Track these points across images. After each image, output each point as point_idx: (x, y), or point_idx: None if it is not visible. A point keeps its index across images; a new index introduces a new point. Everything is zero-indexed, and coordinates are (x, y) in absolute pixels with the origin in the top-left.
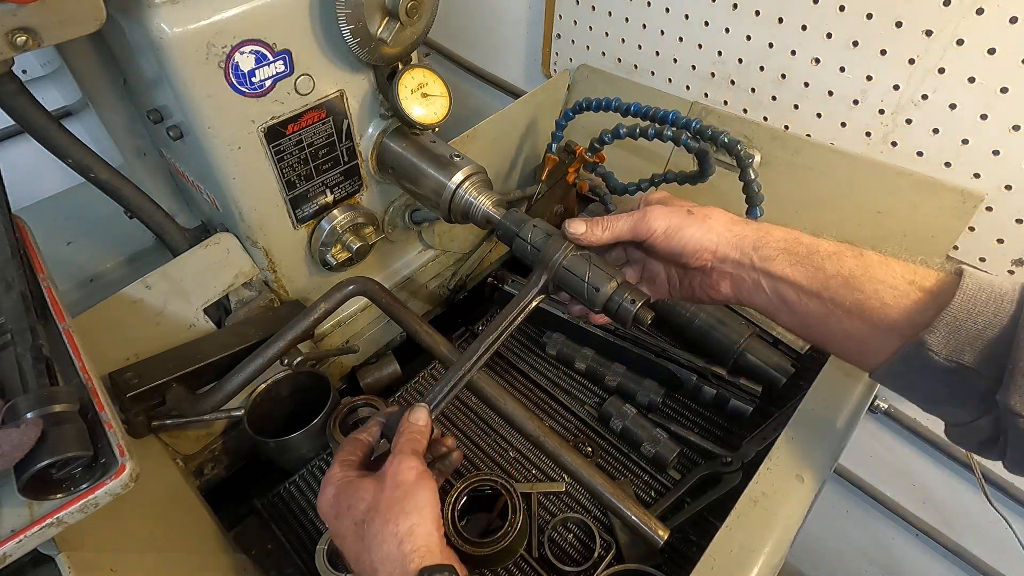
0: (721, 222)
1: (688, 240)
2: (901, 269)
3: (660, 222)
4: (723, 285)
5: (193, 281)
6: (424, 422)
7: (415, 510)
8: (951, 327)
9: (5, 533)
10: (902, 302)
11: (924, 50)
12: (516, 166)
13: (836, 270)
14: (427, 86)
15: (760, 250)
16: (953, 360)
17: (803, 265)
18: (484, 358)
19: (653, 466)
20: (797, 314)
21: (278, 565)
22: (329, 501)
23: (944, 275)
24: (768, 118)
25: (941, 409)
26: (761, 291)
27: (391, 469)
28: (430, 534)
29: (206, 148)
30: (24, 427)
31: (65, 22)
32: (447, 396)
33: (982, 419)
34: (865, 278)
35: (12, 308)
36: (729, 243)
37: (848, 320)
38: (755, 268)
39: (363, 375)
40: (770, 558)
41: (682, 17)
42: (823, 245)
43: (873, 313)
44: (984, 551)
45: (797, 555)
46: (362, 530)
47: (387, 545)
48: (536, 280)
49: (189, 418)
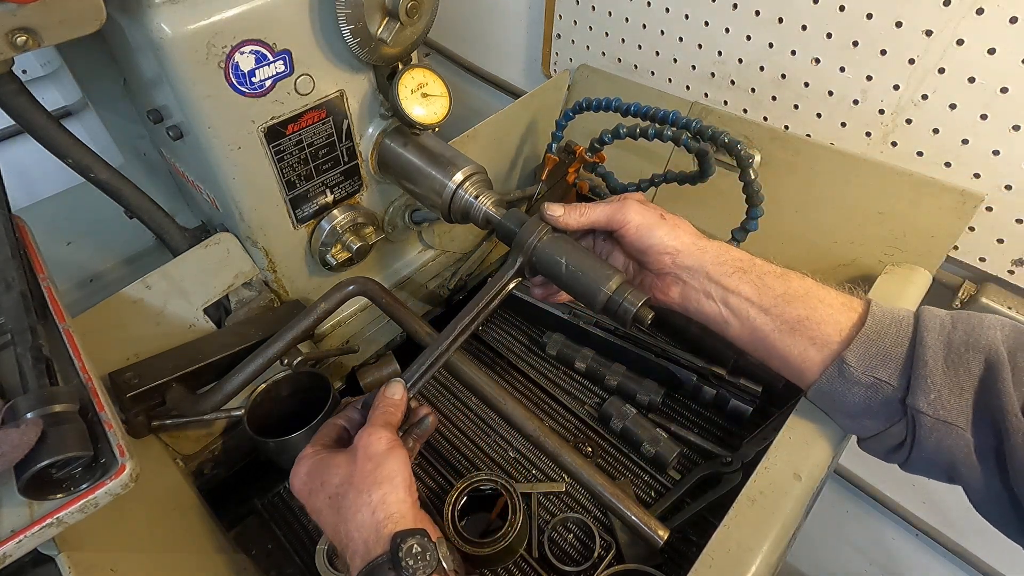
0: (688, 232)
1: (656, 240)
2: (836, 294)
3: (635, 216)
4: (672, 290)
5: (193, 281)
6: (399, 396)
7: (386, 479)
8: (865, 346)
9: (5, 533)
10: (838, 318)
11: (924, 50)
12: (516, 166)
13: (784, 288)
14: (427, 86)
15: (717, 265)
16: (870, 375)
17: (754, 283)
18: (461, 338)
19: (653, 466)
20: (745, 327)
21: (278, 565)
22: (302, 479)
23: (864, 303)
24: (768, 118)
25: (858, 422)
26: (711, 301)
27: (362, 441)
28: (402, 500)
29: (206, 148)
30: (24, 427)
31: (65, 22)
32: (424, 375)
33: (893, 427)
34: (807, 297)
35: (12, 308)
36: (691, 253)
37: (790, 335)
38: (710, 279)
39: (363, 375)
40: (768, 557)
41: (682, 17)
42: (772, 267)
43: (812, 328)
44: (984, 551)
45: (797, 555)
46: (336, 502)
47: (361, 514)
48: (512, 262)
49: (189, 418)
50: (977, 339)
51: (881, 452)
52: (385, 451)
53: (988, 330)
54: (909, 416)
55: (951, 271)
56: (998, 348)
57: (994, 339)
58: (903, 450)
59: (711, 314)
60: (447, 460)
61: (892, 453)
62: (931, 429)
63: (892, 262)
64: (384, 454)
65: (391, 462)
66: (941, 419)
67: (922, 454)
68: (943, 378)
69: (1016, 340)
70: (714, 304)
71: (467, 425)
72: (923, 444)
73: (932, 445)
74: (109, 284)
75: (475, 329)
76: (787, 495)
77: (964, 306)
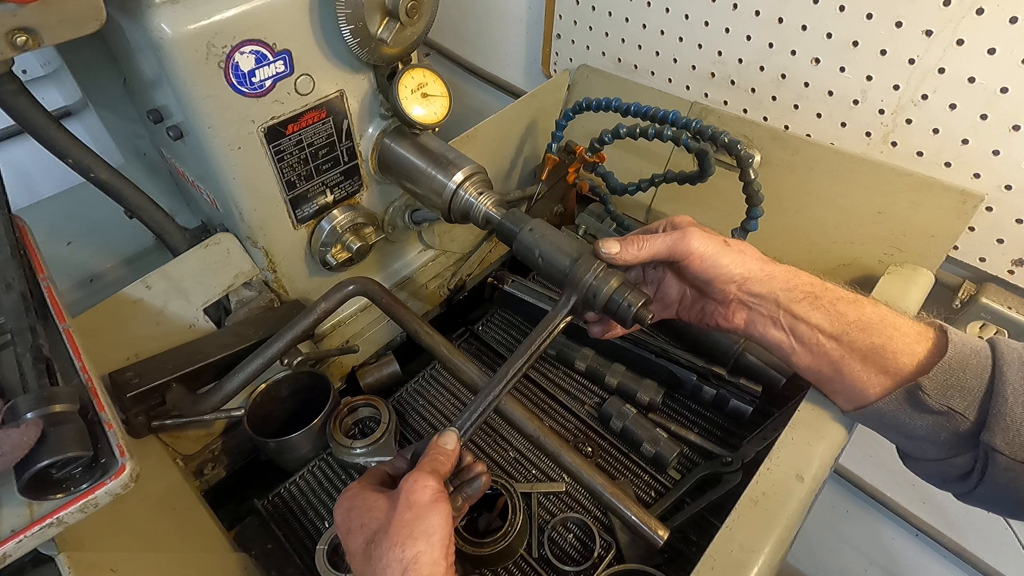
0: (754, 258)
1: (724, 269)
2: (911, 322)
3: (699, 245)
4: (737, 317)
5: (193, 281)
6: (452, 446)
7: (423, 536)
8: (945, 375)
9: (5, 533)
10: (914, 348)
11: (924, 50)
12: (516, 166)
13: (857, 315)
14: (427, 86)
15: (788, 291)
16: (944, 404)
17: (826, 309)
18: (513, 381)
19: (653, 466)
20: (813, 354)
21: (278, 565)
22: (343, 515)
23: (937, 331)
24: (768, 118)
25: (918, 445)
26: (779, 328)
27: (407, 486)
28: (436, 563)
29: (206, 148)
30: (24, 427)
31: (65, 22)
32: (476, 421)
33: (957, 457)
34: (882, 325)
35: (12, 308)
36: (759, 280)
37: (860, 363)
38: (779, 305)
39: (363, 375)
40: (770, 558)
41: (682, 17)
42: (845, 293)
43: (888, 358)
44: (984, 551)
45: (797, 555)
46: (370, 550)
47: (390, 571)
48: (566, 301)
49: (189, 418)
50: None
51: (937, 478)
52: (428, 503)
53: None
54: (981, 452)
55: (951, 271)
56: None
57: None
58: (968, 482)
59: (777, 341)
60: None
61: (952, 483)
62: (1006, 468)
63: (892, 262)
64: (427, 506)
65: (433, 517)
66: (1018, 460)
67: (991, 491)
68: (1023, 416)
69: None
70: (782, 332)
71: None
72: (995, 481)
73: (1004, 483)
74: (109, 284)
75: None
76: (789, 496)
77: (964, 306)
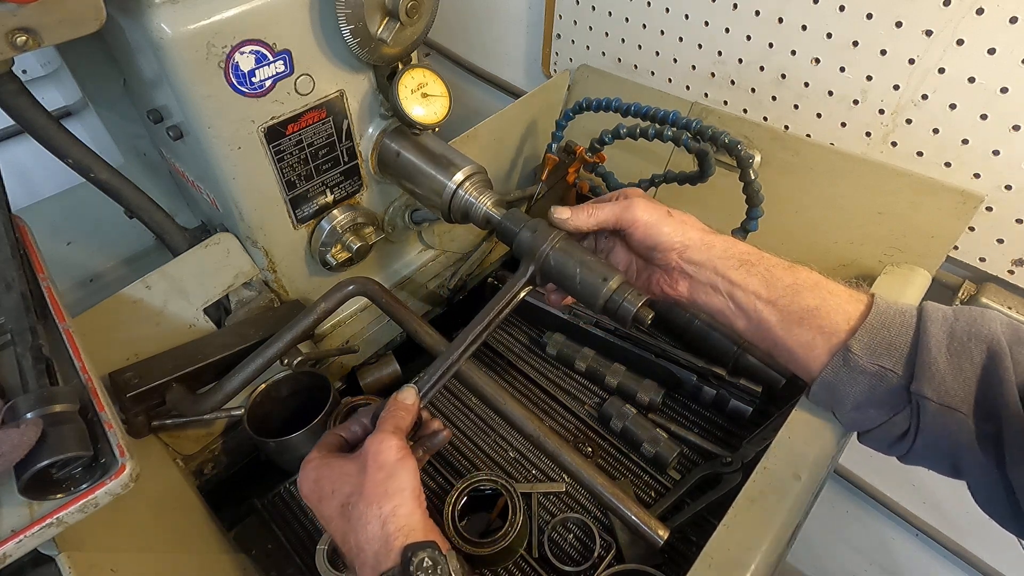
0: (695, 227)
1: (664, 237)
2: (843, 287)
3: (643, 214)
4: (680, 285)
5: (193, 281)
6: (412, 400)
7: (397, 491)
8: (870, 335)
9: (5, 533)
10: (846, 308)
11: (924, 50)
12: (516, 166)
13: (792, 279)
14: (427, 86)
15: (724, 259)
16: (875, 363)
17: (761, 275)
18: (472, 347)
19: (653, 466)
20: (751, 319)
21: (278, 565)
22: (311, 485)
23: (869, 295)
24: (768, 118)
25: (862, 413)
26: (718, 294)
27: (372, 448)
28: (412, 513)
29: (206, 148)
30: (24, 427)
31: (65, 22)
32: (436, 384)
33: (896, 416)
34: (817, 288)
35: (12, 308)
36: (698, 248)
37: (798, 326)
38: (716, 272)
39: (363, 375)
40: (767, 556)
41: (682, 17)
42: (780, 260)
43: (821, 318)
44: (984, 551)
45: (797, 555)
46: (347, 512)
47: (371, 526)
48: (524, 270)
49: (189, 418)
50: (979, 329)
51: (884, 444)
52: (396, 461)
53: (989, 322)
54: (913, 404)
55: (951, 271)
56: (999, 339)
57: (995, 331)
58: (906, 440)
59: (718, 308)
60: (447, 460)
61: (894, 444)
62: (935, 415)
63: (892, 262)
64: (395, 464)
65: (402, 473)
66: (945, 404)
67: (925, 442)
68: (947, 365)
69: (1014, 335)
70: (721, 298)
71: (467, 425)
72: (927, 431)
73: (936, 432)
74: (109, 284)
75: (486, 337)
76: (787, 495)
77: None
